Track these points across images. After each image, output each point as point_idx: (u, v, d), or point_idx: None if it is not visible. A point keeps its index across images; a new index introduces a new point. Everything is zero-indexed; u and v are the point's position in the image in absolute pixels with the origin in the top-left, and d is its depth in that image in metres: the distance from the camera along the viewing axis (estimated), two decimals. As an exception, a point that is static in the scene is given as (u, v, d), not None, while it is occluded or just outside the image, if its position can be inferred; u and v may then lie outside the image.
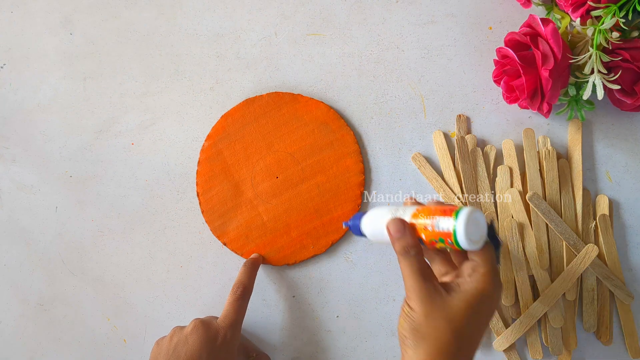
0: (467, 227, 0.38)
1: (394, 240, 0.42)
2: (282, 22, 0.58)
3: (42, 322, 0.56)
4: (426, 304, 0.39)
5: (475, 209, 0.39)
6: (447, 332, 0.38)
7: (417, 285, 0.40)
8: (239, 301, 0.50)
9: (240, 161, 0.56)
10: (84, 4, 0.59)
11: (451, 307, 0.39)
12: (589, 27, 0.48)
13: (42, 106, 0.58)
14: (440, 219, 0.40)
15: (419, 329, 0.39)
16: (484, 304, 0.40)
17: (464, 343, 0.39)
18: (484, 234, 0.40)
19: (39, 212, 0.57)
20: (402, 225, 0.41)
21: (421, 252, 0.41)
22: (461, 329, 0.39)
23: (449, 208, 0.40)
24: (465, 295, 0.39)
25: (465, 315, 0.39)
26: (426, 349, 0.38)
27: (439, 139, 0.55)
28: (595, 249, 0.51)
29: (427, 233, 0.41)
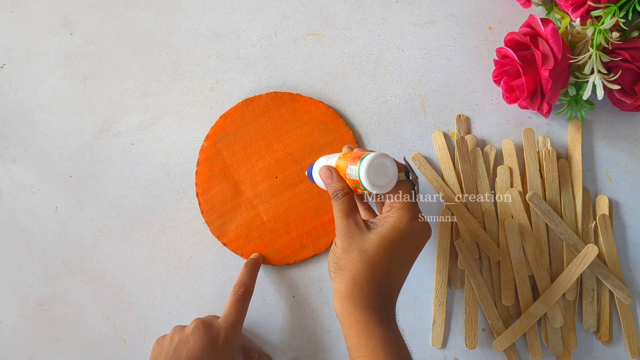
0: (369, 173, 0.41)
1: (326, 185, 0.46)
2: (282, 22, 0.58)
3: (42, 322, 0.56)
4: (345, 239, 0.43)
5: (378, 154, 0.41)
6: (360, 262, 0.42)
7: (340, 223, 0.44)
8: (240, 301, 0.50)
9: (240, 161, 0.56)
10: (84, 4, 0.59)
11: (366, 240, 0.42)
12: (589, 27, 0.48)
13: (42, 106, 0.58)
14: (351, 167, 0.43)
15: (338, 262, 0.43)
16: (399, 236, 0.42)
17: (377, 273, 0.42)
18: (393, 175, 0.42)
19: (39, 212, 0.57)
20: (329, 171, 0.45)
21: (349, 194, 0.45)
22: (373, 260, 0.42)
23: (357, 155, 0.42)
24: (380, 230, 0.42)
25: (378, 248, 0.42)
26: (343, 279, 0.42)
27: (439, 139, 0.55)
28: (595, 249, 0.51)
29: (348, 180, 0.44)
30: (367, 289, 0.42)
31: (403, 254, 0.43)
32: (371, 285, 0.42)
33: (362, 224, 0.44)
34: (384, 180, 0.42)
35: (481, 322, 0.53)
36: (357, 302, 0.41)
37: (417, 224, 0.43)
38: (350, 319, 0.41)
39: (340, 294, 0.42)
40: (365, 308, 0.41)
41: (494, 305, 0.53)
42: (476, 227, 0.53)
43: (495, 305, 0.53)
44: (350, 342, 0.42)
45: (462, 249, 0.53)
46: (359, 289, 0.41)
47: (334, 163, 0.46)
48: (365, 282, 0.42)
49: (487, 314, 0.52)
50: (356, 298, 0.41)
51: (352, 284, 0.42)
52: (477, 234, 0.53)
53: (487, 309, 0.52)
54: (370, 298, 0.42)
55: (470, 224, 0.53)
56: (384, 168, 0.42)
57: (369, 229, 0.43)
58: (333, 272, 0.43)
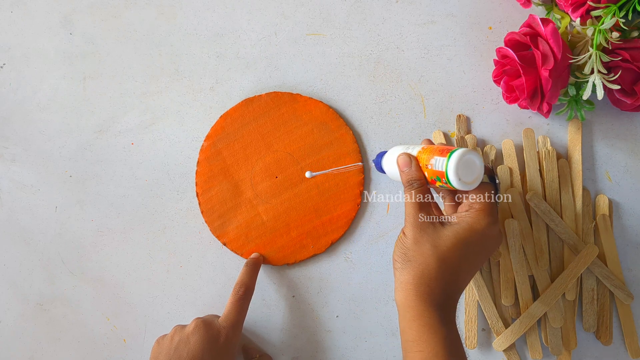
0: (458, 167, 0.40)
1: (401, 173, 0.45)
2: (282, 22, 0.58)
3: (42, 322, 0.56)
4: (416, 231, 0.42)
5: (469, 150, 0.41)
6: (432, 257, 0.41)
7: (413, 214, 0.43)
8: (241, 301, 0.50)
9: (240, 161, 0.56)
10: (84, 3, 0.59)
11: (440, 236, 0.42)
12: (589, 27, 0.48)
13: (42, 106, 0.58)
14: (437, 158, 0.42)
15: (407, 253, 0.42)
16: (474, 238, 0.42)
17: (447, 271, 0.41)
18: (479, 175, 0.42)
19: (38, 212, 0.57)
20: (409, 159, 0.44)
21: (424, 186, 0.44)
22: (446, 257, 0.41)
23: (446, 148, 0.42)
24: (456, 228, 0.42)
25: (452, 245, 0.41)
26: (410, 271, 0.41)
27: (439, 139, 0.55)
28: (595, 249, 0.51)
29: (428, 171, 0.43)
30: (435, 285, 0.41)
31: (474, 256, 0.43)
32: (439, 282, 0.41)
33: (435, 218, 0.43)
34: (470, 177, 0.41)
35: (481, 322, 0.53)
36: (423, 297, 0.41)
37: (493, 229, 0.43)
38: (412, 312, 0.41)
39: (406, 285, 0.41)
40: (431, 304, 0.40)
41: (494, 305, 0.53)
42: (476, 227, 0.53)
43: (495, 305, 0.53)
44: (409, 335, 0.41)
45: (462, 249, 0.53)
46: (427, 283, 0.41)
47: (414, 153, 0.45)
48: (434, 277, 0.41)
49: (487, 314, 0.52)
50: (422, 292, 0.41)
51: (420, 277, 0.41)
52: (477, 234, 0.53)
53: (487, 309, 0.52)
54: (436, 294, 0.41)
55: (470, 224, 0.53)
56: (472, 165, 0.41)
57: (442, 225, 0.42)
58: (399, 262, 0.42)
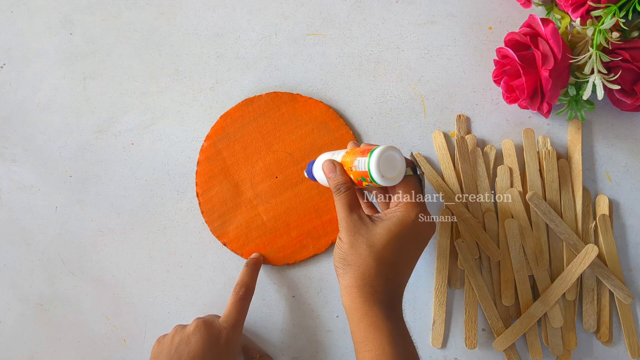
0: (379, 164, 0.41)
1: (328, 179, 0.46)
2: (282, 22, 0.58)
3: (42, 322, 0.56)
4: (351, 234, 0.43)
5: (388, 147, 0.42)
6: (369, 257, 0.42)
7: (344, 217, 0.44)
8: (241, 301, 0.50)
9: (240, 161, 0.56)
10: (83, 3, 0.59)
11: (374, 234, 0.42)
12: (589, 27, 0.48)
13: (42, 106, 0.58)
14: (359, 159, 0.43)
15: (345, 257, 0.43)
16: (406, 231, 0.42)
17: (386, 267, 0.42)
18: (401, 169, 0.43)
19: (39, 212, 0.57)
20: (333, 165, 0.45)
21: (351, 188, 0.45)
22: (382, 255, 0.42)
23: (367, 148, 0.43)
24: (387, 224, 0.42)
25: (386, 242, 0.42)
26: (351, 274, 0.42)
27: (439, 139, 0.55)
28: (595, 249, 0.51)
29: (353, 173, 0.44)
30: (377, 284, 0.42)
31: (410, 249, 0.43)
32: (380, 280, 0.42)
33: (366, 218, 0.44)
34: (392, 172, 0.42)
35: (481, 322, 0.53)
36: (367, 297, 0.41)
37: (422, 221, 0.43)
38: (358, 313, 0.41)
39: (350, 289, 0.42)
40: (374, 303, 0.41)
41: (494, 305, 0.53)
42: (476, 227, 0.53)
43: (495, 305, 0.53)
44: (358, 337, 0.41)
45: (462, 249, 0.53)
46: (369, 283, 0.41)
47: (339, 158, 0.46)
48: (374, 276, 0.42)
49: (487, 314, 0.52)
50: (366, 293, 0.41)
51: (362, 279, 0.42)
52: (477, 234, 0.53)
53: (487, 309, 0.52)
54: (379, 292, 0.42)
55: (470, 224, 0.53)
56: (393, 161, 0.42)
57: (374, 223, 0.43)
58: (340, 267, 0.43)
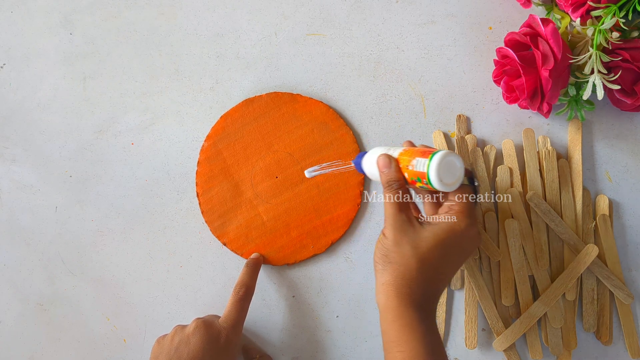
0: (439, 168, 0.41)
1: (381, 173, 0.45)
2: (282, 22, 0.58)
3: (42, 322, 0.56)
4: (397, 232, 0.42)
5: (450, 152, 0.42)
6: (412, 258, 0.41)
7: (393, 215, 0.43)
8: (241, 302, 0.50)
9: (240, 161, 0.56)
10: (83, 3, 0.59)
11: (420, 237, 0.42)
12: (589, 27, 0.48)
13: (42, 106, 0.58)
14: (418, 159, 0.42)
15: (387, 254, 0.42)
16: (454, 239, 0.42)
17: (428, 271, 0.41)
18: (459, 177, 0.42)
19: (39, 212, 0.57)
20: (389, 160, 0.44)
21: (404, 187, 0.44)
22: (426, 258, 0.41)
23: (428, 150, 0.42)
24: (435, 229, 0.42)
25: (432, 246, 0.41)
26: (391, 272, 0.41)
27: (439, 139, 0.55)
28: (595, 249, 0.51)
29: (409, 172, 0.44)
30: (415, 286, 0.41)
31: (454, 257, 0.43)
32: (420, 282, 0.41)
33: (414, 220, 0.43)
34: (450, 179, 0.42)
35: (481, 322, 0.53)
36: (404, 297, 0.41)
37: (472, 230, 0.43)
38: (393, 313, 0.41)
39: (387, 286, 0.41)
40: (411, 304, 0.41)
41: (494, 305, 0.53)
42: (476, 227, 0.53)
43: (495, 305, 0.53)
44: (390, 336, 0.41)
45: (462, 249, 0.53)
46: (408, 284, 0.41)
47: (395, 154, 0.45)
48: (414, 278, 0.41)
49: (487, 314, 0.52)
50: (404, 293, 0.41)
51: (402, 278, 0.41)
52: (477, 234, 0.53)
53: (487, 309, 0.52)
54: (417, 295, 0.41)
55: (470, 224, 0.53)
56: (453, 167, 0.42)
57: (422, 226, 0.43)
58: (380, 263, 0.43)
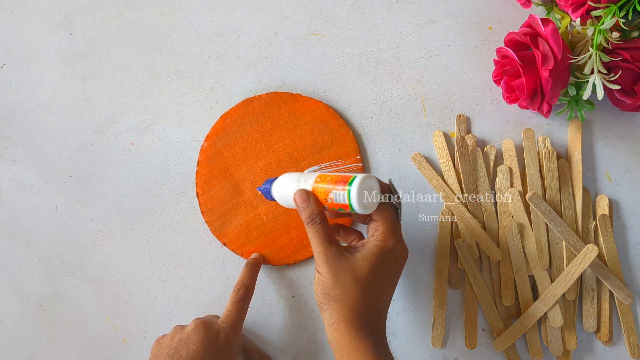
0: (359, 197, 0.41)
1: (300, 209, 0.44)
2: (282, 22, 0.58)
3: (42, 322, 0.56)
4: (332, 268, 0.42)
5: (366, 177, 0.42)
6: (355, 290, 0.41)
7: (323, 251, 0.42)
8: (241, 302, 0.50)
9: (240, 161, 0.56)
10: (84, 3, 0.59)
11: (356, 266, 0.42)
12: (589, 27, 0.48)
13: (42, 106, 0.58)
14: (336, 192, 0.42)
15: (329, 292, 0.42)
16: (386, 259, 0.42)
17: (372, 297, 0.42)
18: (378, 195, 0.43)
19: (39, 212, 0.57)
20: (307, 195, 0.44)
21: (325, 220, 0.44)
22: (367, 285, 0.41)
23: (342, 178, 0.42)
24: (367, 253, 0.42)
25: (369, 272, 0.41)
26: (339, 309, 0.41)
27: (439, 139, 0.55)
28: (595, 249, 0.51)
29: (328, 204, 0.43)
30: (365, 316, 0.41)
31: (390, 276, 0.43)
32: (368, 311, 0.41)
33: (344, 250, 0.43)
34: (371, 201, 0.42)
35: (481, 322, 0.53)
36: (357, 330, 0.40)
37: (400, 245, 0.44)
38: (348, 348, 0.40)
39: (338, 324, 0.41)
40: (364, 335, 0.40)
41: (494, 305, 0.53)
42: (476, 227, 0.53)
43: (495, 305, 0.53)
44: None
45: (462, 249, 0.53)
46: (357, 317, 0.41)
47: (309, 186, 0.45)
48: (362, 309, 0.41)
49: (487, 314, 0.52)
50: (356, 327, 0.40)
51: (350, 312, 0.41)
52: (477, 234, 0.53)
53: (487, 309, 0.52)
54: (368, 324, 0.41)
55: (470, 224, 0.53)
56: (371, 190, 0.42)
57: (353, 254, 0.42)
58: (325, 303, 0.42)
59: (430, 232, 0.54)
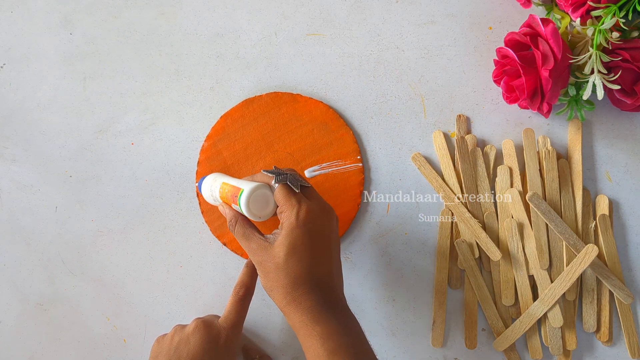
0: (250, 212, 0.44)
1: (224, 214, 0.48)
2: (282, 22, 0.58)
3: (42, 322, 0.56)
4: (257, 263, 0.44)
5: (248, 195, 0.43)
6: (280, 276, 0.42)
7: (246, 248, 0.45)
8: (241, 302, 0.50)
9: (240, 161, 0.56)
10: (84, 3, 0.59)
11: (274, 255, 0.43)
12: (589, 27, 0.48)
13: (42, 106, 0.58)
14: (235, 205, 0.45)
15: (264, 285, 0.44)
16: (296, 234, 0.43)
17: (298, 278, 0.42)
18: (271, 202, 0.45)
19: (39, 212, 0.57)
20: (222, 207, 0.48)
21: (241, 221, 0.46)
22: (289, 268, 0.42)
23: (233, 194, 0.45)
24: (280, 239, 0.43)
25: (286, 255, 0.42)
26: (277, 297, 0.43)
27: (439, 139, 0.55)
28: (595, 249, 0.51)
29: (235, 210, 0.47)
30: (299, 294, 0.42)
31: (314, 245, 0.43)
32: (301, 290, 0.42)
33: (263, 242, 0.44)
34: (264, 203, 0.44)
35: (481, 322, 0.53)
36: (296, 310, 0.42)
37: (312, 209, 0.44)
38: (295, 328, 0.43)
39: (283, 310, 0.43)
40: (302, 312, 0.42)
41: (494, 305, 0.53)
42: (476, 227, 0.53)
43: (495, 305, 0.53)
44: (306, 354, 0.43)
45: (462, 249, 0.53)
46: (293, 299, 0.42)
47: (217, 192, 0.48)
48: (293, 290, 0.42)
49: (487, 314, 0.52)
50: (294, 307, 0.42)
51: (284, 298, 0.42)
52: (477, 234, 0.53)
53: (487, 309, 0.52)
54: (305, 301, 0.42)
55: (470, 224, 0.53)
56: (262, 197, 0.44)
57: (272, 243, 0.44)
58: (270, 294, 0.44)
59: (430, 232, 0.54)
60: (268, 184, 0.45)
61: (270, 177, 0.45)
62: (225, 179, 0.48)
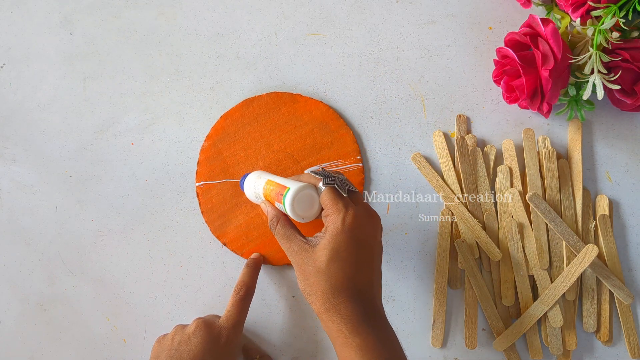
0: (295, 212, 0.43)
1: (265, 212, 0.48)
2: (282, 22, 0.58)
3: (42, 322, 0.56)
4: (298, 267, 0.43)
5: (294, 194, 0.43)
6: (321, 282, 0.42)
7: (287, 249, 0.44)
8: (242, 302, 0.50)
9: (240, 161, 0.56)
10: (84, 4, 0.59)
11: (316, 258, 0.42)
12: (589, 27, 0.48)
13: (42, 106, 0.58)
14: (279, 204, 0.45)
15: (303, 288, 0.43)
16: (341, 240, 0.42)
17: (340, 284, 0.42)
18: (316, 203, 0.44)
19: (39, 212, 0.57)
20: (264, 205, 0.48)
21: (283, 221, 0.46)
22: (331, 274, 0.42)
23: (278, 193, 0.45)
24: (323, 242, 0.42)
25: (328, 260, 0.42)
26: (315, 302, 0.42)
27: (439, 139, 0.55)
28: (595, 249, 0.51)
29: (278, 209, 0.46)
30: (338, 302, 0.41)
31: (359, 253, 0.42)
32: (341, 297, 0.41)
33: (305, 245, 0.43)
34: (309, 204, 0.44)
35: (481, 322, 0.53)
36: (335, 318, 0.41)
37: (359, 216, 0.43)
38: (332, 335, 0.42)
39: (320, 316, 0.42)
40: (341, 321, 0.41)
41: (494, 305, 0.53)
42: (476, 227, 0.53)
43: (495, 305, 0.53)
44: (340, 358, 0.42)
45: (462, 249, 0.53)
46: (333, 306, 0.41)
47: (261, 189, 0.47)
48: (333, 297, 0.41)
49: (487, 314, 0.52)
50: (333, 315, 0.41)
51: (323, 304, 0.41)
52: (477, 234, 0.53)
53: (487, 309, 0.52)
54: (345, 310, 0.41)
55: (470, 224, 0.53)
56: (308, 198, 0.44)
57: (315, 246, 0.43)
58: (307, 298, 0.43)
59: (430, 232, 0.54)
60: (315, 185, 0.44)
61: (317, 178, 0.44)
62: (270, 177, 0.48)
